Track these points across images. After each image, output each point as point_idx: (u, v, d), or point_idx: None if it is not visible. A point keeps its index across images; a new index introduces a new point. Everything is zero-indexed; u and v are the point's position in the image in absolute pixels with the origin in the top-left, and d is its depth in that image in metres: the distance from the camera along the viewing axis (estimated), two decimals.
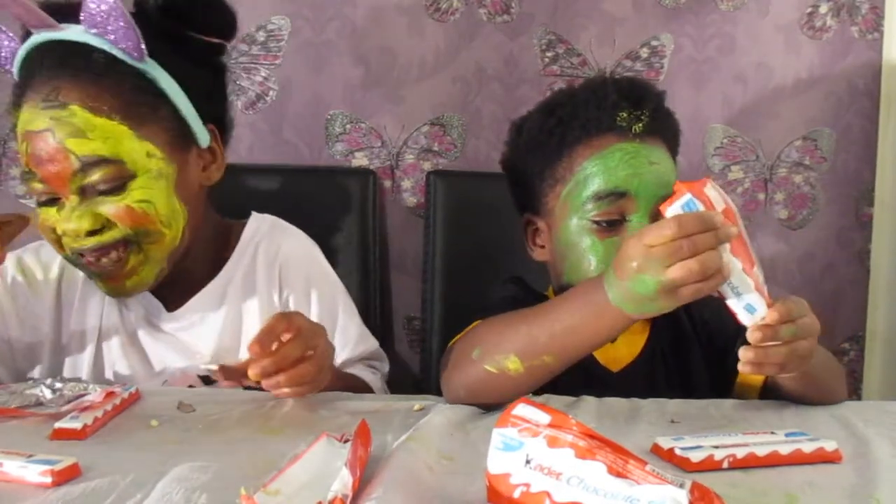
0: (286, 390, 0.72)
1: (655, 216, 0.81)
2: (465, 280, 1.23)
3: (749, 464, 0.60)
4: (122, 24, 0.78)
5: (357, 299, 1.02)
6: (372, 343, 0.98)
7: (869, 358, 1.39)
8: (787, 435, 0.64)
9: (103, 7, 0.77)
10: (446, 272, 1.25)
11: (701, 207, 0.64)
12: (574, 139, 0.85)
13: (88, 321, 0.90)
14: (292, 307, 0.93)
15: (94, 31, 0.79)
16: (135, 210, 0.80)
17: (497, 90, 1.32)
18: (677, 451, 0.60)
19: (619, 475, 0.47)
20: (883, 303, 1.37)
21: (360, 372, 0.93)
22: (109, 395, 0.70)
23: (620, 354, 0.88)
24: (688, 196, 0.64)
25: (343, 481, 0.48)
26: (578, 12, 1.32)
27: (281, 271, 0.93)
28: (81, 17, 0.79)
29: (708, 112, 1.35)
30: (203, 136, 0.87)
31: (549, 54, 1.32)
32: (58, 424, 0.63)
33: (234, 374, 0.72)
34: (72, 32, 0.80)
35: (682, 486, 0.47)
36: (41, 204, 0.82)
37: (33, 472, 0.53)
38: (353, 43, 1.29)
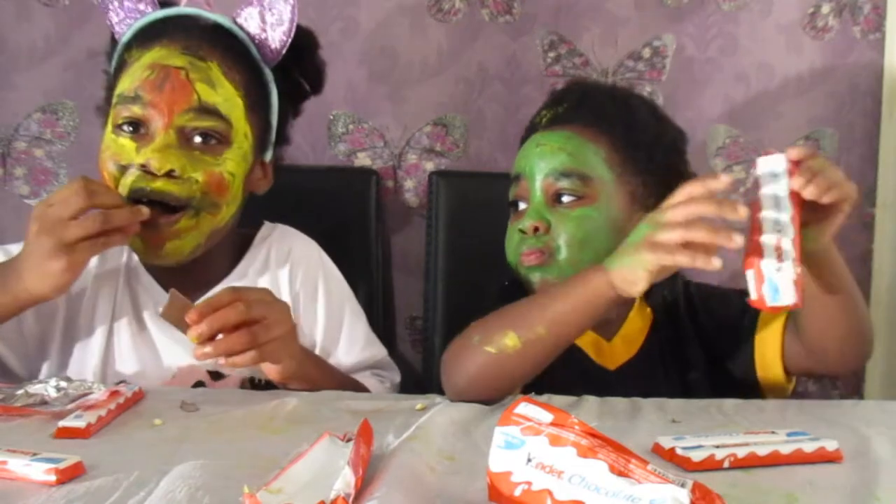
0: (222, 360, 0.74)
1: (548, 191, 0.88)
2: (468, 280, 1.24)
3: (750, 463, 0.60)
4: (282, 28, 0.90)
5: (359, 299, 1.02)
6: (379, 350, 0.99)
7: (871, 357, 1.39)
8: (788, 435, 0.64)
9: (270, 5, 0.90)
10: (448, 272, 1.26)
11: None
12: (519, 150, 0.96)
13: (100, 312, 0.90)
14: (301, 307, 0.94)
15: (242, 23, 0.90)
16: (223, 180, 0.86)
17: (499, 90, 1.32)
18: (678, 451, 0.60)
19: (620, 474, 0.47)
20: (885, 303, 1.37)
21: (366, 380, 0.94)
22: (113, 394, 0.70)
23: (617, 353, 0.89)
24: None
25: (345, 480, 0.48)
26: (581, 13, 1.32)
27: (291, 270, 0.95)
28: (240, 11, 0.91)
29: (710, 112, 1.35)
30: (270, 151, 0.95)
31: (551, 55, 1.32)
32: (62, 423, 0.64)
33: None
34: (219, 16, 0.90)
35: (683, 485, 0.47)
36: (118, 130, 0.84)
37: (37, 471, 0.54)
38: (356, 43, 1.30)
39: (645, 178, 0.90)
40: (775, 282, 0.65)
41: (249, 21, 0.91)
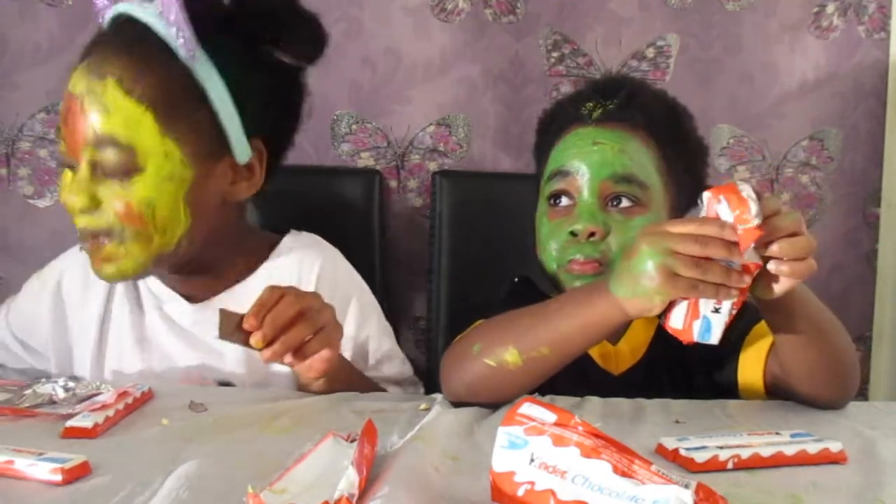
0: (289, 359, 0.73)
1: (602, 194, 0.84)
2: (471, 280, 1.24)
3: (754, 464, 0.60)
4: (181, 14, 0.77)
5: None
6: (407, 368, 0.96)
7: (875, 358, 1.38)
8: (791, 436, 0.64)
9: None
10: (452, 272, 1.26)
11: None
12: (552, 136, 0.90)
13: (90, 312, 0.90)
14: None
15: (161, 15, 0.78)
16: (132, 208, 0.78)
17: (503, 90, 1.32)
18: (682, 452, 0.60)
19: (624, 475, 0.47)
20: (890, 303, 1.36)
21: (392, 389, 0.92)
22: (122, 394, 0.70)
23: (623, 358, 0.88)
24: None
25: (349, 480, 0.48)
26: (584, 12, 1.32)
27: (318, 283, 0.90)
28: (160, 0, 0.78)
29: (714, 112, 1.35)
30: (242, 150, 0.83)
31: (554, 54, 1.32)
32: (69, 423, 0.64)
33: (232, 331, 0.72)
34: (144, 11, 0.79)
35: (686, 486, 0.47)
36: (66, 166, 0.81)
37: (43, 470, 0.54)
38: (359, 44, 1.30)
39: (680, 189, 0.88)
40: (710, 321, 0.65)
41: (168, 7, 0.77)
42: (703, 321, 0.66)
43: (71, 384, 0.71)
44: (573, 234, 0.83)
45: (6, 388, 0.72)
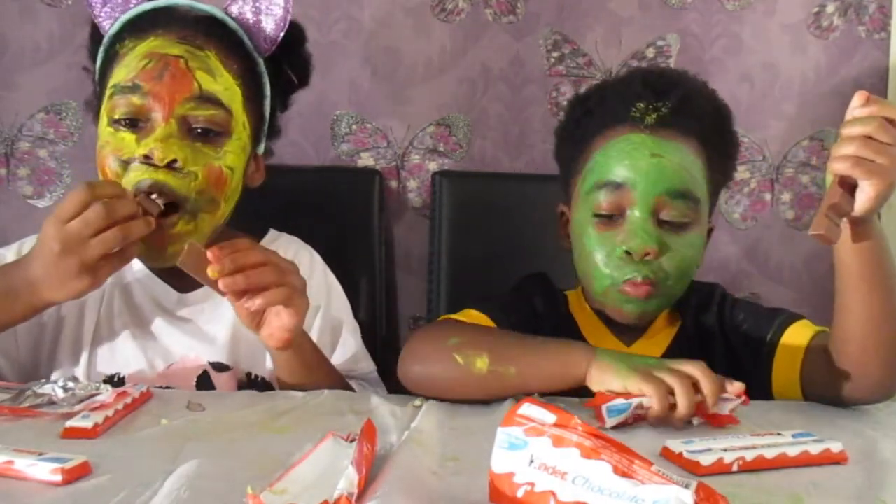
0: (258, 301, 0.73)
1: (656, 210, 0.82)
2: (471, 280, 1.24)
3: (758, 466, 0.60)
4: (276, 16, 0.90)
5: (363, 300, 1.03)
6: (368, 365, 0.97)
7: None
8: (793, 436, 0.64)
9: None
10: (452, 272, 1.26)
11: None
12: (593, 130, 0.86)
13: (87, 317, 0.89)
14: None
15: (235, 13, 0.90)
16: (222, 174, 0.85)
17: (503, 90, 1.32)
18: (686, 455, 0.60)
19: (624, 475, 0.47)
20: None
21: (355, 386, 0.92)
22: (121, 395, 0.70)
23: None
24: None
25: (349, 479, 0.48)
26: (584, 12, 1.32)
27: None
28: (231, 2, 0.90)
29: None
30: (263, 143, 0.94)
31: (554, 54, 1.32)
32: (69, 423, 0.64)
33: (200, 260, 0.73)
34: (211, 7, 0.90)
35: (687, 486, 0.47)
36: (116, 124, 0.83)
37: (43, 471, 0.54)
38: (360, 43, 1.30)
39: (715, 198, 0.87)
40: (622, 409, 0.68)
41: (243, 10, 0.91)
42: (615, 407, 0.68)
43: (70, 384, 0.71)
44: (628, 252, 0.80)
45: (6, 389, 0.72)
